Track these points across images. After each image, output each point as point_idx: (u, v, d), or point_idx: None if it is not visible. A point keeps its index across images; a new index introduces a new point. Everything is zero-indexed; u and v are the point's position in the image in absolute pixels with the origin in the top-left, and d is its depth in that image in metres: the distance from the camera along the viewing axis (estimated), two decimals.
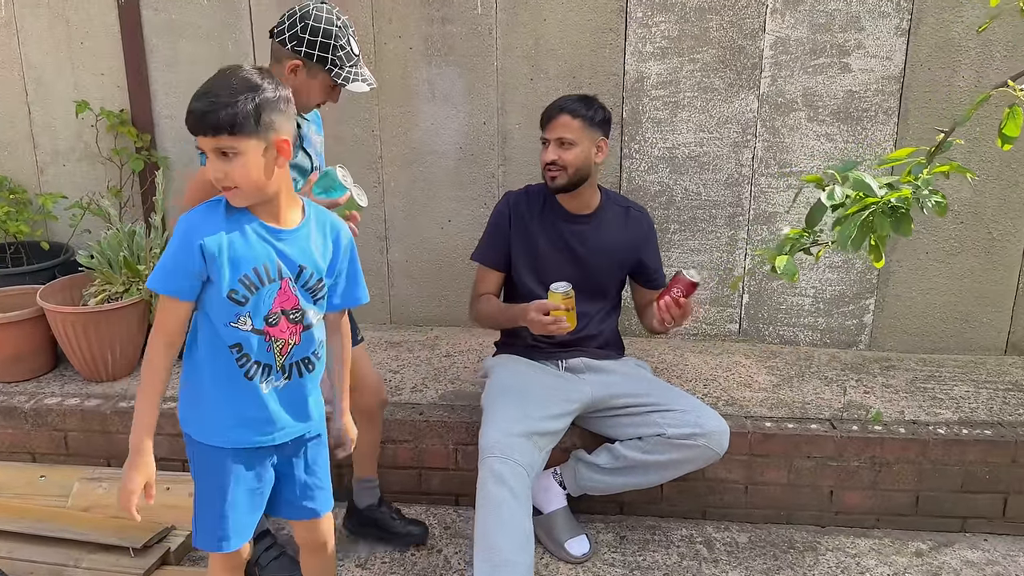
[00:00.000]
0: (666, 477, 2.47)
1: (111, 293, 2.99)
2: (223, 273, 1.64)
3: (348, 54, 2.07)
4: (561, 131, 2.46)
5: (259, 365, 1.73)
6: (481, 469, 2.27)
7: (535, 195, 2.65)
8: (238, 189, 1.63)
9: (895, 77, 3.02)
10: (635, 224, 2.66)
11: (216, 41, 3.27)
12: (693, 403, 2.46)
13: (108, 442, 2.85)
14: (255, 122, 1.58)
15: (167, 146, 3.39)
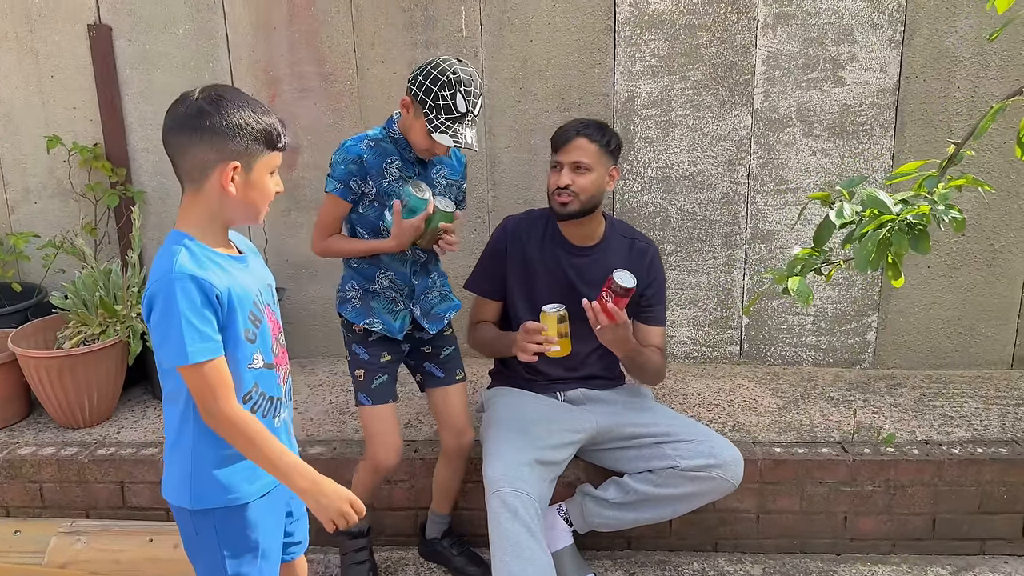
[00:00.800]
0: (679, 511, 2.36)
1: (87, 335, 2.86)
2: (236, 315, 1.56)
3: (449, 107, 2.09)
4: (577, 155, 2.34)
5: (272, 401, 1.67)
6: (491, 503, 2.16)
7: (537, 221, 2.53)
8: None
9: (890, 89, 2.97)
10: (639, 257, 2.50)
11: (192, 71, 3.17)
12: (704, 432, 2.36)
13: (86, 492, 2.70)
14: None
15: (143, 180, 3.28)
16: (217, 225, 1.60)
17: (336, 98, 3.15)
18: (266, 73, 3.15)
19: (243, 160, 1.53)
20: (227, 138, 1.51)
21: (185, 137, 1.52)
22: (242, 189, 1.56)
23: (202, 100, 1.52)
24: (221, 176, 1.53)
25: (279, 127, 1.58)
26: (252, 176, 1.56)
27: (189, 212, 1.58)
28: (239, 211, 1.59)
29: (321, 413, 2.94)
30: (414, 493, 2.63)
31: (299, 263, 3.32)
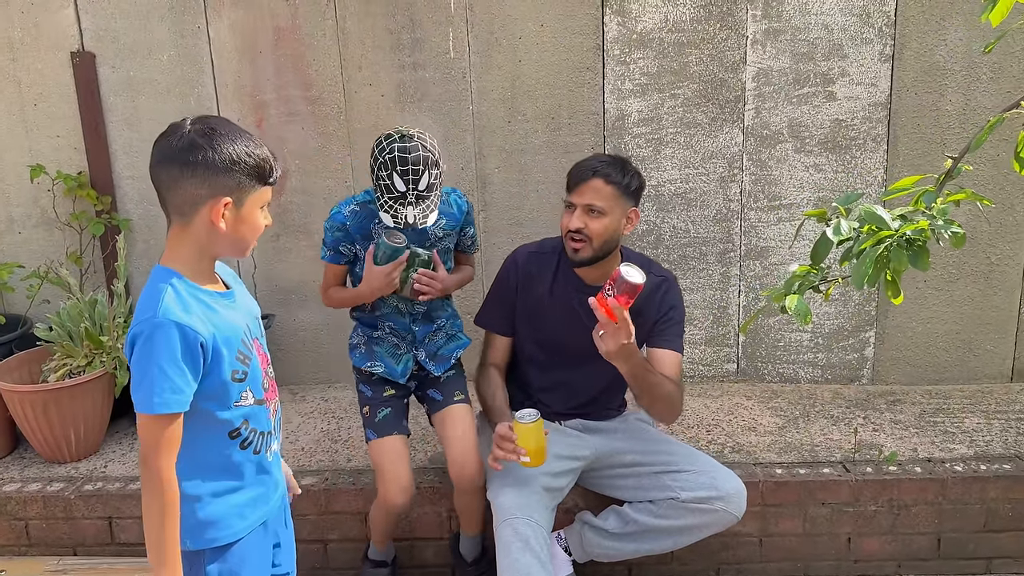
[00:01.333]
0: (681, 543, 2.29)
1: (72, 367, 2.80)
2: (222, 358, 1.53)
3: (389, 187, 2.14)
4: (592, 197, 2.19)
5: (263, 435, 1.65)
6: (502, 532, 2.10)
7: (549, 257, 2.39)
8: None
9: (882, 104, 2.95)
10: (655, 290, 2.33)
11: (177, 97, 3.13)
12: (706, 462, 2.30)
13: (73, 529, 2.64)
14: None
15: (129, 208, 3.23)
16: (205, 260, 1.56)
17: (324, 122, 3.12)
18: (252, 98, 3.11)
19: (234, 196, 1.49)
20: (219, 173, 1.47)
21: (176, 171, 1.47)
22: (232, 224, 1.51)
23: (194, 133, 1.47)
24: (211, 212, 1.49)
25: (271, 161, 1.54)
26: (243, 211, 1.52)
27: (176, 247, 1.54)
28: (227, 246, 1.55)
29: (312, 442, 2.88)
30: (408, 522, 2.58)
31: (288, 288, 3.28)
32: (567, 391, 2.45)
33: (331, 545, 2.62)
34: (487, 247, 3.16)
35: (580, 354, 2.33)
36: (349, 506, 2.58)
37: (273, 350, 3.34)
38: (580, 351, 2.33)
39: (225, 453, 1.59)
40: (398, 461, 2.29)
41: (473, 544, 2.49)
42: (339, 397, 3.24)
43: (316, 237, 3.20)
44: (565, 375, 2.43)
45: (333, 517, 2.59)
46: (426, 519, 2.57)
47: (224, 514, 1.60)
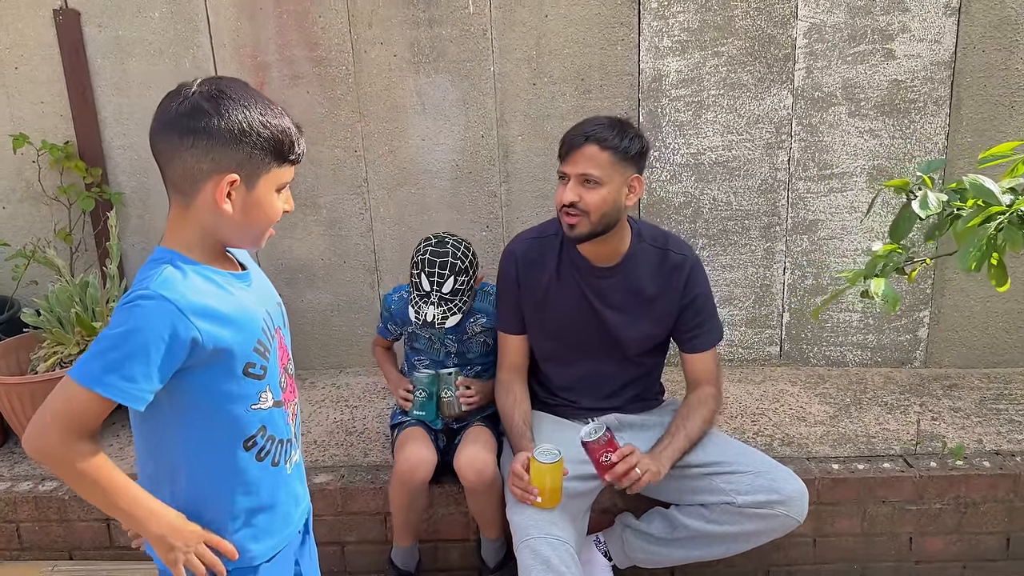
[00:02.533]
0: (734, 550, 2.09)
1: (63, 356, 2.57)
2: (234, 349, 1.28)
3: (417, 285, 2.26)
4: (585, 165, 1.96)
5: (282, 444, 1.40)
6: (521, 554, 1.91)
7: (550, 241, 2.17)
8: None
9: (945, 63, 2.69)
10: (674, 271, 2.14)
11: (171, 59, 2.86)
12: (761, 461, 2.09)
13: (68, 532, 2.43)
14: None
15: (121, 180, 2.98)
16: (210, 245, 1.33)
17: (331, 85, 2.86)
18: (253, 59, 2.85)
19: (243, 173, 1.25)
20: (225, 145, 1.23)
21: (175, 140, 1.24)
22: (241, 208, 1.28)
23: (199, 96, 1.24)
24: (215, 191, 1.25)
25: (293, 134, 1.29)
26: (255, 193, 1.28)
27: (177, 231, 1.31)
28: (236, 233, 1.32)
29: (325, 434, 2.67)
30: (431, 524, 2.37)
31: (294, 267, 3.04)
32: (592, 385, 2.25)
33: (348, 548, 2.42)
34: (509, 222, 2.92)
35: (597, 342, 2.17)
36: (367, 506, 2.37)
37: None
38: (597, 339, 2.17)
39: (238, 468, 1.35)
40: (420, 438, 2.23)
41: (495, 548, 2.30)
42: (351, 383, 3.02)
43: (324, 211, 2.96)
44: (587, 367, 2.23)
45: (350, 518, 2.38)
46: (451, 520, 2.37)
47: (237, 539, 1.37)
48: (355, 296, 3.06)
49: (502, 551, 2.30)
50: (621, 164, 1.99)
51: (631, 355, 2.22)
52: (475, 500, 2.17)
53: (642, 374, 2.27)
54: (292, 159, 1.30)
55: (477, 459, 2.12)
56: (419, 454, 2.14)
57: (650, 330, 2.18)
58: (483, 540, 2.31)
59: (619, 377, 2.25)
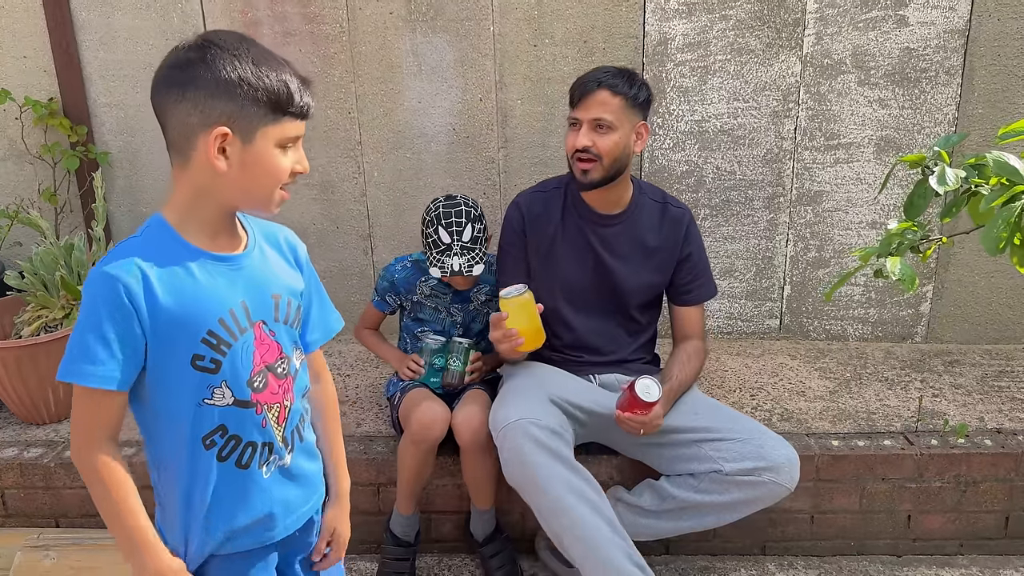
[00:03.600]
0: (725, 520, 2.06)
1: (48, 320, 2.50)
2: (177, 335, 1.19)
3: (436, 241, 2.22)
4: (599, 110, 2.01)
5: (255, 446, 1.28)
6: (505, 447, 1.90)
7: (554, 194, 2.22)
8: None
9: (959, 31, 2.61)
10: (673, 226, 2.21)
11: (158, 12, 2.75)
12: (751, 428, 2.05)
13: (54, 499, 2.39)
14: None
15: (107, 139, 2.89)
16: (209, 210, 1.23)
17: (324, 43, 2.76)
18: (243, 15, 2.74)
19: (236, 126, 1.17)
20: (213, 96, 1.15)
21: (166, 95, 1.18)
22: (239, 165, 1.19)
23: (189, 48, 1.18)
24: (207, 146, 1.17)
25: (293, 85, 1.21)
26: (253, 148, 1.19)
27: (174, 193, 1.23)
28: (237, 194, 1.23)
29: None
30: (424, 494, 2.34)
31: None
32: (594, 341, 2.26)
33: None
34: (507, 189, 2.84)
35: (601, 294, 2.20)
36: (360, 477, 2.32)
37: None
38: (600, 290, 2.20)
39: (197, 465, 1.25)
40: (432, 396, 2.22)
41: (485, 520, 2.26)
42: (344, 351, 2.97)
43: (316, 174, 2.88)
44: (590, 322, 2.24)
45: None
46: (445, 491, 2.33)
47: (186, 527, 1.28)
48: (348, 262, 2.99)
49: (491, 524, 2.27)
50: (631, 110, 2.04)
51: (632, 307, 2.24)
52: (469, 462, 2.14)
53: (639, 330, 2.30)
54: (292, 111, 1.21)
55: (474, 419, 2.09)
56: (434, 410, 2.12)
57: (651, 279, 2.23)
58: (473, 512, 2.27)
59: (620, 332, 2.26)
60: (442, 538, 2.39)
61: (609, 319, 2.25)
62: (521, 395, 2.01)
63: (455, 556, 2.38)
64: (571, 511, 1.87)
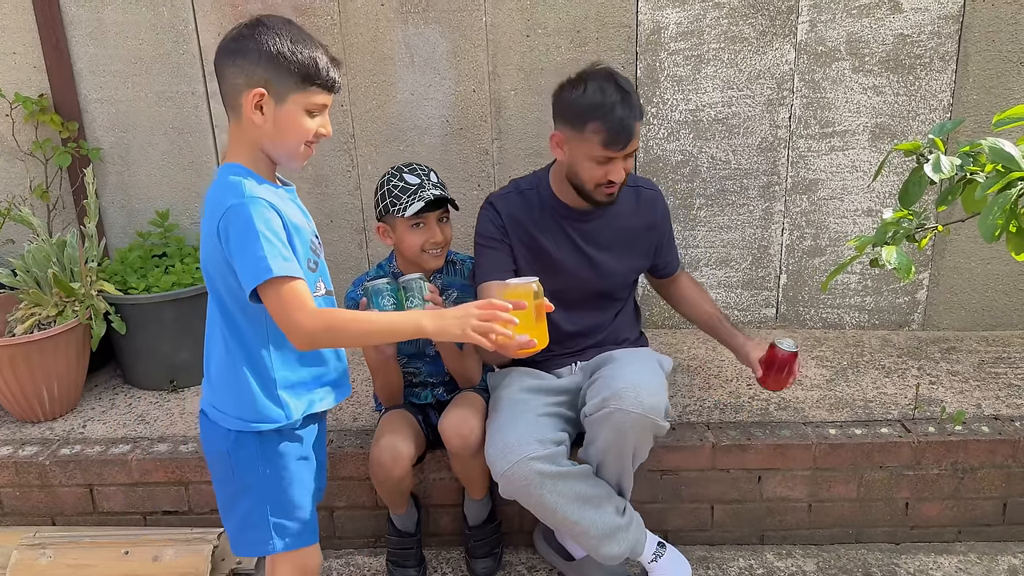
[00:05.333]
0: (623, 470, 2.02)
1: (41, 318, 2.49)
2: (296, 243, 1.55)
3: (403, 187, 2.10)
4: (634, 144, 2.00)
5: None
6: (508, 490, 1.92)
7: (527, 194, 2.17)
8: None
9: (953, 16, 2.59)
10: (649, 205, 2.24)
11: (148, 7, 2.73)
12: (625, 371, 2.00)
13: (50, 497, 2.38)
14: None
15: (99, 135, 2.87)
16: (261, 160, 1.57)
17: (315, 35, 2.72)
18: (234, 8, 2.72)
19: (272, 89, 1.49)
20: (256, 63, 1.48)
21: (223, 61, 1.52)
22: (272, 121, 1.51)
23: (244, 26, 1.52)
24: (247, 103, 1.50)
25: (323, 62, 1.52)
26: (284, 108, 1.51)
27: (233, 143, 1.57)
28: (271, 145, 1.55)
29: None
30: (420, 488, 2.33)
31: None
32: (584, 330, 2.25)
33: (338, 512, 2.38)
34: (501, 180, 2.83)
35: (593, 287, 2.20)
36: (357, 471, 2.32)
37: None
38: (592, 284, 2.20)
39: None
40: (399, 428, 2.10)
41: (478, 507, 2.26)
42: None
43: (309, 168, 2.87)
44: (579, 317, 2.23)
45: (340, 483, 2.34)
46: (441, 485, 2.33)
47: (306, 395, 1.63)
48: (343, 256, 2.98)
49: (485, 510, 2.26)
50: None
51: (616, 290, 2.26)
52: (459, 464, 2.13)
53: (618, 308, 2.30)
54: (319, 83, 1.52)
55: (464, 425, 2.04)
56: (395, 449, 2.03)
57: (637, 263, 2.27)
58: (467, 500, 2.27)
59: (605, 318, 2.26)
60: (439, 531, 2.39)
61: (595, 309, 2.25)
62: (514, 418, 1.98)
63: (453, 549, 2.38)
64: (581, 522, 1.93)
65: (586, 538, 1.97)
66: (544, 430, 1.97)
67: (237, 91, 1.50)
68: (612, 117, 1.92)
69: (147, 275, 2.66)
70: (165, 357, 2.66)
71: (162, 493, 2.36)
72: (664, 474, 2.30)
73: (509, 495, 1.93)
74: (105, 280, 2.59)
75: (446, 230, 2.15)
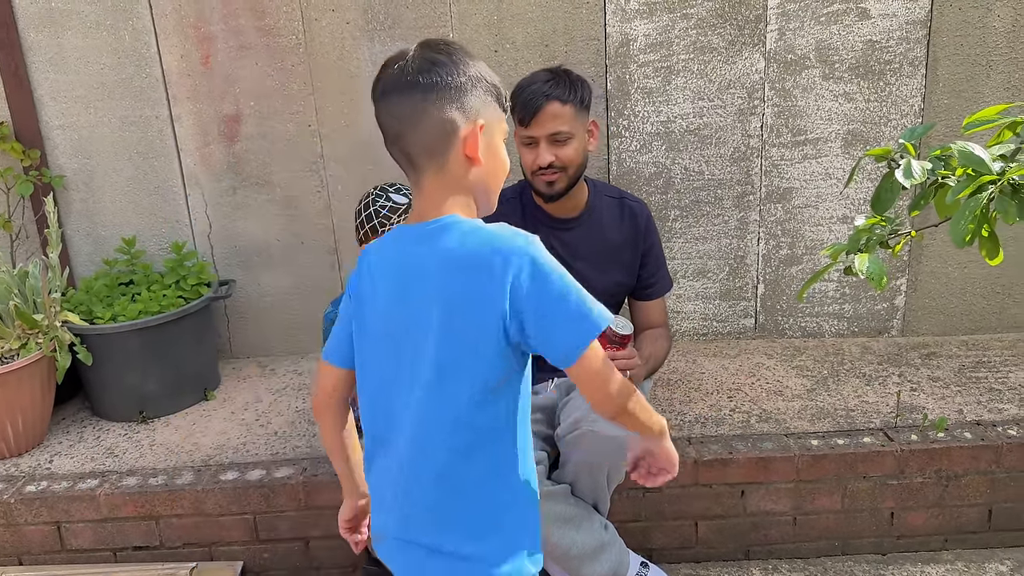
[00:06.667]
0: (599, 494, 2.00)
1: (4, 351, 2.42)
2: None
3: (392, 208, 2.02)
4: (553, 124, 1.99)
5: None
6: None
7: (511, 202, 2.18)
8: None
9: (921, 21, 2.59)
10: (633, 218, 2.22)
11: (109, 31, 2.69)
12: None
13: (16, 536, 2.31)
14: None
15: (62, 162, 2.81)
16: (473, 206, 1.27)
17: (281, 55, 2.70)
18: (196, 30, 2.68)
19: (484, 119, 1.22)
20: (467, 93, 1.20)
21: (418, 97, 1.18)
22: (485, 157, 1.23)
23: (428, 50, 1.22)
24: (468, 139, 1.20)
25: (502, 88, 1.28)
26: (493, 141, 1.24)
27: (444, 197, 1.23)
28: (482, 188, 1.26)
29: (286, 424, 2.55)
30: None
31: (249, 249, 2.90)
32: None
33: (313, 543, 2.31)
34: None
35: None
36: (333, 499, 2.25)
37: (236, 319, 3.00)
38: None
39: None
40: None
41: None
42: (313, 369, 2.91)
43: (279, 190, 2.82)
44: None
45: (315, 512, 2.28)
46: None
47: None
48: (316, 278, 2.93)
49: None
50: (580, 113, 2.03)
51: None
52: None
53: None
54: (505, 109, 1.28)
55: None
56: None
57: (620, 278, 2.22)
58: None
59: None
60: None
61: None
62: None
63: None
64: (561, 543, 1.90)
65: (567, 560, 1.93)
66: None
67: (450, 128, 1.19)
68: (524, 94, 1.99)
69: (113, 304, 2.60)
70: (133, 388, 2.59)
71: (132, 528, 2.29)
72: (646, 491, 2.26)
73: None
74: (70, 310, 2.53)
75: None
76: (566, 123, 1.99)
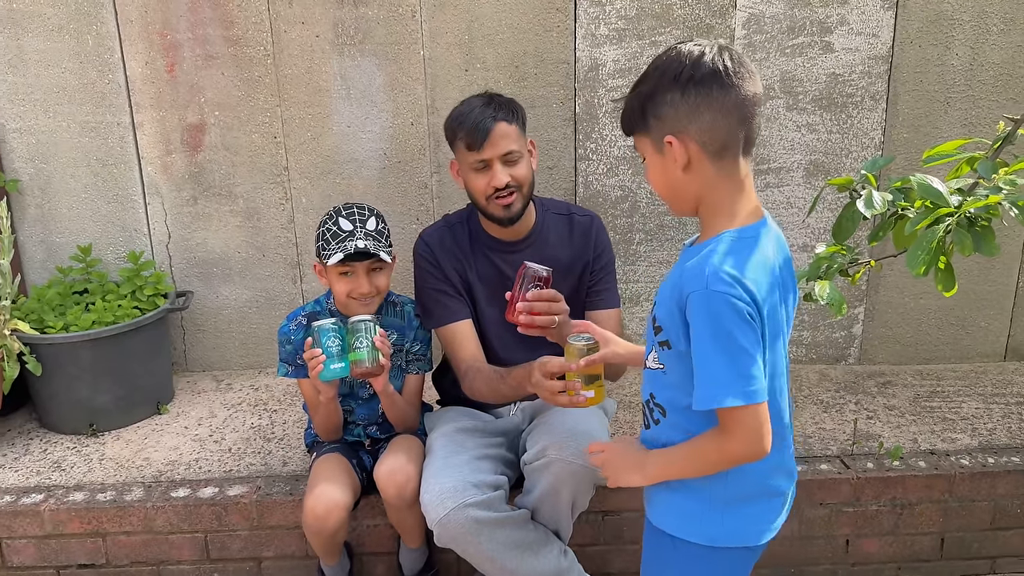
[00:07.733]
0: (561, 523, 1.97)
1: None
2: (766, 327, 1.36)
3: (335, 232, 2.01)
4: (504, 144, 1.97)
5: None
6: (444, 537, 1.84)
7: (457, 228, 2.15)
8: None
9: (883, 57, 2.65)
10: (583, 233, 2.16)
11: (71, 35, 2.64)
12: (566, 417, 1.96)
13: None
14: None
15: (17, 166, 2.74)
16: None
17: (248, 66, 2.67)
18: (162, 38, 2.64)
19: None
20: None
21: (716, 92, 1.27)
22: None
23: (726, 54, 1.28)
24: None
25: None
26: None
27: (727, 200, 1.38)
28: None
29: (241, 440, 2.50)
30: (355, 535, 2.23)
31: (208, 260, 2.85)
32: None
33: (266, 563, 2.26)
34: (440, 215, 2.78)
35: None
36: (286, 519, 2.22)
37: (193, 331, 2.94)
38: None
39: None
40: (334, 475, 2.01)
41: (414, 557, 2.18)
42: (271, 385, 2.86)
43: (241, 201, 2.79)
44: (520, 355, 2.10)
45: (268, 532, 2.23)
46: (376, 532, 2.24)
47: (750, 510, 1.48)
48: (275, 292, 2.89)
49: (422, 559, 2.18)
50: (522, 133, 2.04)
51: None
52: (395, 513, 2.04)
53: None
54: None
55: (400, 472, 1.95)
56: (330, 498, 1.94)
57: (571, 295, 2.13)
58: (402, 548, 2.19)
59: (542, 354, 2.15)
60: None
61: (534, 346, 2.11)
62: (449, 462, 1.91)
63: None
64: (519, 570, 1.88)
65: None
66: (481, 474, 1.90)
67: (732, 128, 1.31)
68: (469, 120, 1.99)
69: (66, 313, 2.53)
70: (84, 400, 2.52)
71: (77, 546, 2.22)
72: (606, 515, 2.25)
73: (445, 543, 1.86)
74: (20, 319, 2.45)
75: (378, 280, 2.04)
76: (515, 142, 1.99)
